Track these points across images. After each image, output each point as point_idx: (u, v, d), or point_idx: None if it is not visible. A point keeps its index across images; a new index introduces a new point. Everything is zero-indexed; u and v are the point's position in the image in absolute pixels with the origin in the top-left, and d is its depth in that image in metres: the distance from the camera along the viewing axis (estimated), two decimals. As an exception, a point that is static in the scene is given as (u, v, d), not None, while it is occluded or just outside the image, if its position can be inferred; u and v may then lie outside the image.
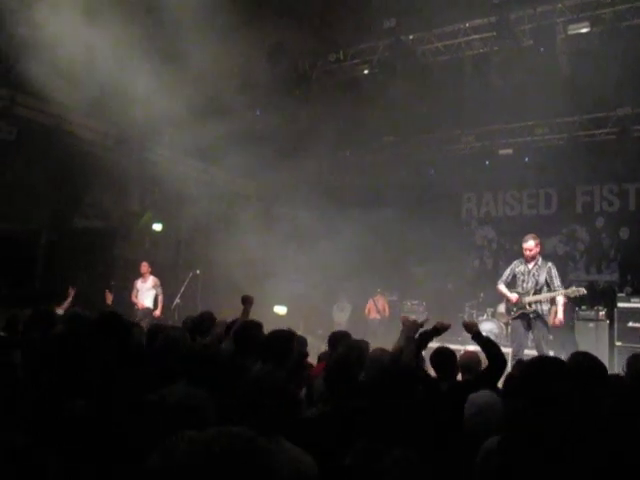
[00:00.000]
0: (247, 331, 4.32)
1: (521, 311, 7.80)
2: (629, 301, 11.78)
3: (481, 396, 3.23)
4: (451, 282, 14.76)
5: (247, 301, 5.53)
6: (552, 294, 7.62)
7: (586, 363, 3.38)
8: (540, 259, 7.90)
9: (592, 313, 11.83)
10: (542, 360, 2.86)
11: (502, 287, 8.08)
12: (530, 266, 7.84)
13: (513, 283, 8.08)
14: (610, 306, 11.88)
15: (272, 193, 13.81)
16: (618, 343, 11.15)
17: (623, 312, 11.62)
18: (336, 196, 13.53)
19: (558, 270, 7.93)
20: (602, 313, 11.77)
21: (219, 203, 12.40)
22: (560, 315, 7.72)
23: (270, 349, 3.91)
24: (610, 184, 14.17)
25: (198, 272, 11.38)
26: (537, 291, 7.71)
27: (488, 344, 4.06)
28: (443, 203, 15.49)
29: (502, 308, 9.25)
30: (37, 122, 10.21)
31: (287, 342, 4.00)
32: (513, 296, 7.85)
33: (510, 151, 13.59)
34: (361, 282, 14.05)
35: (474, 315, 13.42)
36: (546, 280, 7.71)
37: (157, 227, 11.52)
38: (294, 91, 11.92)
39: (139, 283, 10.66)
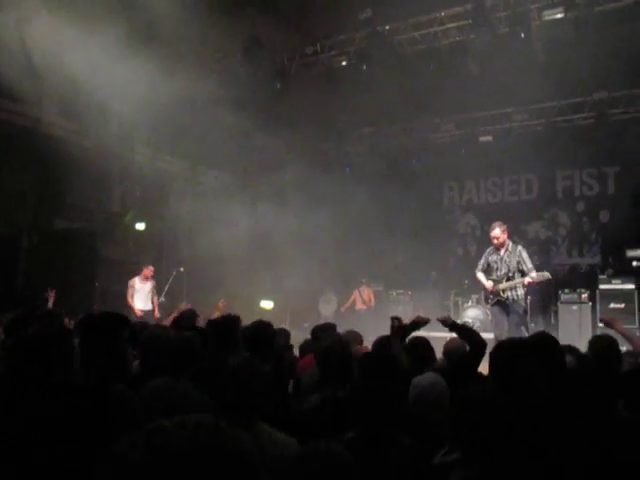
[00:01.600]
0: (225, 325, 4.33)
1: (497, 298, 7.92)
2: (610, 282, 11.96)
3: (425, 378, 3.29)
4: (436, 270, 14.84)
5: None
6: (523, 279, 7.69)
7: (548, 341, 3.49)
8: (510, 244, 8.00)
9: (575, 296, 11.99)
10: (505, 341, 3.01)
11: (479, 275, 8.22)
12: (502, 253, 7.95)
13: (489, 271, 8.19)
14: (592, 288, 12.06)
15: (256, 191, 13.79)
16: (601, 325, 11.29)
17: (605, 294, 11.81)
18: (318, 189, 13.52)
19: (537, 253, 8.01)
20: (584, 295, 11.94)
21: (203, 200, 12.35)
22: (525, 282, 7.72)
23: (249, 340, 3.96)
24: (589, 168, 14.32)
25: (182, 269, 11.35)
26: (510, 277, 7.81)
27: (464, 331, 4.17)
28: (426, 192, 15.57)
29: (475, 312, 9.36)
30: (15, 124, 10.12)
31: (264, 332, 4.05)
32: (488, 284, 7.96)
33: (490, 138, 13.67)
34: (347, 274, 14.10)
35: (459, 302, 13.54)
36: (518, 264, 7.78)
37: (140, 226, 11.45)
38: (273, 85, 11.88)
39: (137, 284, 10.20)
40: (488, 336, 8.22)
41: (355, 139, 14.91)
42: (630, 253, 12.80)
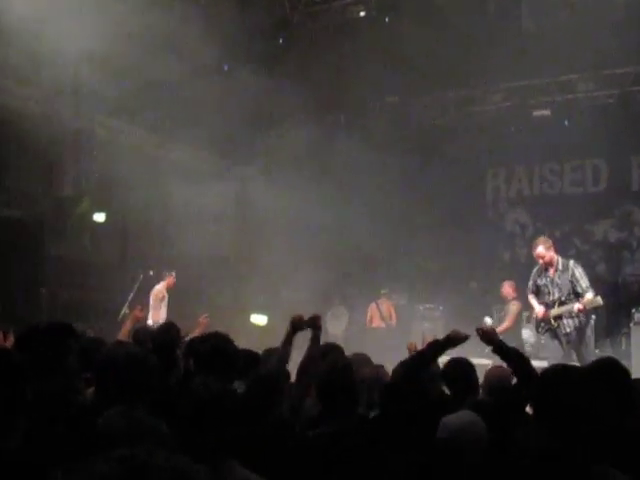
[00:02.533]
0: (213, 347, 4.41)
1: (548, 326, 8.30)
2: (698, 300, 11.88)
3: (459, 416, 3.31)
4: (475, 279, 14.79)
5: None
6: (572, 306, 7.99)
7: (613, 369, 3.50)
8: (560, 261, 8.33)
9: (653, 315, 11.89)
10: (557, 367, 3.00)
11: (531, 298, 8.66)
12: (551, 273, 8.30)
13: (540, 295, 8.57)
14: (675, 306, 11.98)
15: (245, 171, 13.78)
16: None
17: (691, 314, 11.72)
18: (327, 173, 13.50)
19: (605, 259, 8.18)
20: (666, 315, 11.84)
21: (178, 185, 12.34)
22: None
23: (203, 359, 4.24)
24: (675, 153, 14.26)
25: (151, 273, 11.35)
26: (562, 302, 8.14)
27: (513, 357, 4.10)
28: (463, 181, 15.51)
29: (525, 333, 9.48)
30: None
31: (224, 349, 4.30)
32: (539, 310, 8.34)
33: (547, 112, 13.62)
34: (361, 282, 14.08)
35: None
36: (572, 284, 8.09)
37: (99, 217, 11.46)
38: (271, 40, 11.90)
39: (165, 293, 11.27)
40: (540, 364, 8.34)
41: (374, 111, 14.87)
42: None
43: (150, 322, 10.68)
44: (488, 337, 4.27)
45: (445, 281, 14.23)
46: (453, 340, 4.37)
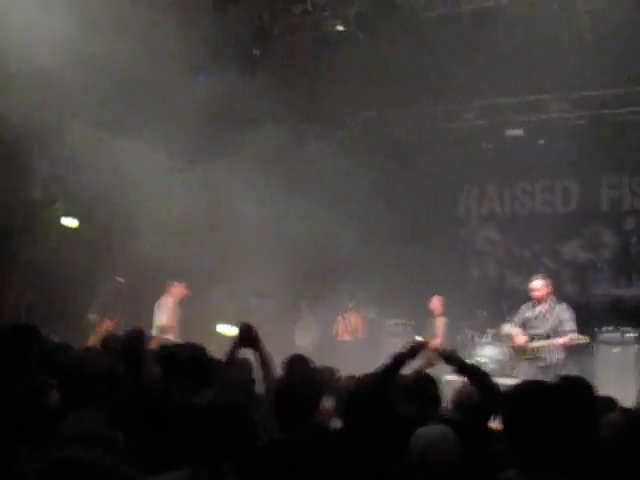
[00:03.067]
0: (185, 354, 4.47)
1: (525, 357, 8.70)
2: (663, 321, 12.03)
3: (433, 429, 3.37)
4: (445, 296, 14.86)
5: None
6: (557, 340, 8.40)
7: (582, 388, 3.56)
8: (554, 300, 8.78)
9: (617, 335, 12.07)
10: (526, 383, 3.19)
11: (508, 327, 9.31)
12: (542, 309, 8.72)
13: (526, 326, 8.92)
14: (640, 327, 12.13)
15: (218, 181, 13.74)
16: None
17: (656, 335, 11.87)
18: (299, 185, 13.51)
19: (574, 280, 8.46)
20: (630, 335, 11.99)
21: (150, 192, 12.27)
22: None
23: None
24: (643, 175, 14.44)
25: (121, 280, 11.27)
26: (547, 336, 8.54)
27: (475, 375, 4.19)
28: (436, 197, 15.61)
29: (507, 328, 9.59)
30: None
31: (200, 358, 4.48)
32: (521, 339, 8.70)
33: (520, 132, 13.76)
34: (330, 294, 14.07)
35: (473, 337, 13.53)
36: (558, 323, 8.53)
37: (71, 223, 11.35)
38: (249, 51, 11.90)
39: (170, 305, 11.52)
40: (505, 382, 8.48)
41: (349, 126, 14.93)
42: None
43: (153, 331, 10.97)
44: (449, 357, 4.41)
45: (415, 297, 14.23)
46: (413, 350, 4.68)
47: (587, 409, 3.49)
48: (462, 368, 4.41)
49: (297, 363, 5.13)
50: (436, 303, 12.39)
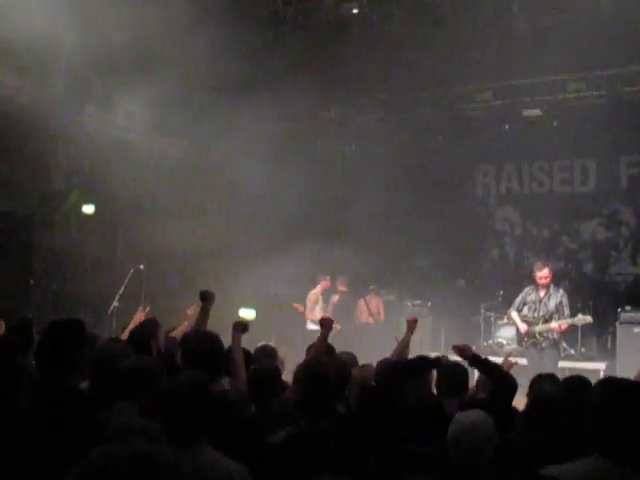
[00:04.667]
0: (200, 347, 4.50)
1: (532, 340, 9.33)
2: (684, 300, 12.04)
3: (470, 414, 3.41)
4: (463, 277, 14.93)
5: (208, 299, 5.67)
6: (558, 324, 9.18)
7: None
8: (552, 286, 9.49)
9: (638, 315, 12.03)
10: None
11: (514, 315, 9.66)
12: (542, 294, 9.44)
13: (523, 310, 9.66)
14: (660, 306, 12.14)
15: (236, 165, 13.83)
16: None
17: (677, 314, 11.88)
18: (317, 169, 13.58)
19: (593, 258, 8.73)
20: (651, 314, 12.00)
21: (169, 179, 12.39)
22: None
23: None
24: (661, 153, 14.40)
25: (142, 267, 11.39)
26: (547, 320, 9.25)
27: (487, 367, 4.31)
28: (453, 178, 15.65)
29: (514, 315, 9.84)
30: None
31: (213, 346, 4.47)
32: (523, 327, 9.39)
33: (538, 112, 13.75)
34: (350, 277, 14.15)
35: (492, 318, 13.63)
36: (556, 307, 9.29)
37: (88, 209, 11.47)
38: (264, 35, 11.93)
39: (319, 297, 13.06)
40: (522, 362, 8.88)
41: (365, 108, 14.94)
42: None
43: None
44: (463, 352, 4.56)
45: (433, 278, 14.32)
46: (410, 327, 5.66)
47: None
48: (477, 362, 4.56)
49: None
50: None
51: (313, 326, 13.99)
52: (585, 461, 2.77)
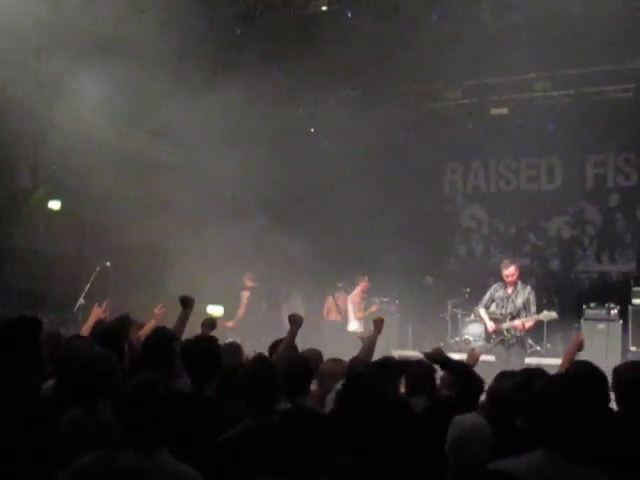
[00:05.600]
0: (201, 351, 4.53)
1: (500, 337, 9.40)
2: (647, 297, 12.21)
3: (467, 418, 3.46)
4: (431, 274, 14.98)
5: (188, 304, 6.02)
6: (527, 319, 9.34)
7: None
8: (520, 284, 9.60)
9: (602, 312, 12.24)
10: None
11: (482, 312, 9.76)
12: (509, 291, 9.55)
13: (491, 306, 9.79)
14: (624, 303, 12.30)
15: (204, 162, 13.76)
16: (633, 348, 11.57)
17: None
18: (285, 165, 13.52)
19: (559, 256, 8.81)
20: (614, 312, 12.17)
21: (136, 175, 12.28)
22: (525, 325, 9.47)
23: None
24: (627, 153, 14.59)
25: (109, 264, 11.29)
26: (514, 317, 9.36)
27: (459, 370, 4.41)
28: (421, 175, 15.69)
29: (482, 312, 9.91)
30: None
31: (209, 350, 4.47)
32: (490, 325, 9.48)
33: (505, 110, 13.86)
34: (318, 275, 14.16)
35: (459, 315, 13.72)
36: (524, 304, 9.41)
37: (54, 205, 11.36)
38: (233, 31, 11.88)
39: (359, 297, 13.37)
40: (490, 359, 9.06)
41: (333, 104, 14.92)
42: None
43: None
44: (434, 357, 4.61)
45: (400, 275, 14.34)
46: (377, 327, 5.88)
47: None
48: (449, 365, 4.64)
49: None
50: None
51: (354, 327, 13.93)
52: (530, 455, 2.83)
